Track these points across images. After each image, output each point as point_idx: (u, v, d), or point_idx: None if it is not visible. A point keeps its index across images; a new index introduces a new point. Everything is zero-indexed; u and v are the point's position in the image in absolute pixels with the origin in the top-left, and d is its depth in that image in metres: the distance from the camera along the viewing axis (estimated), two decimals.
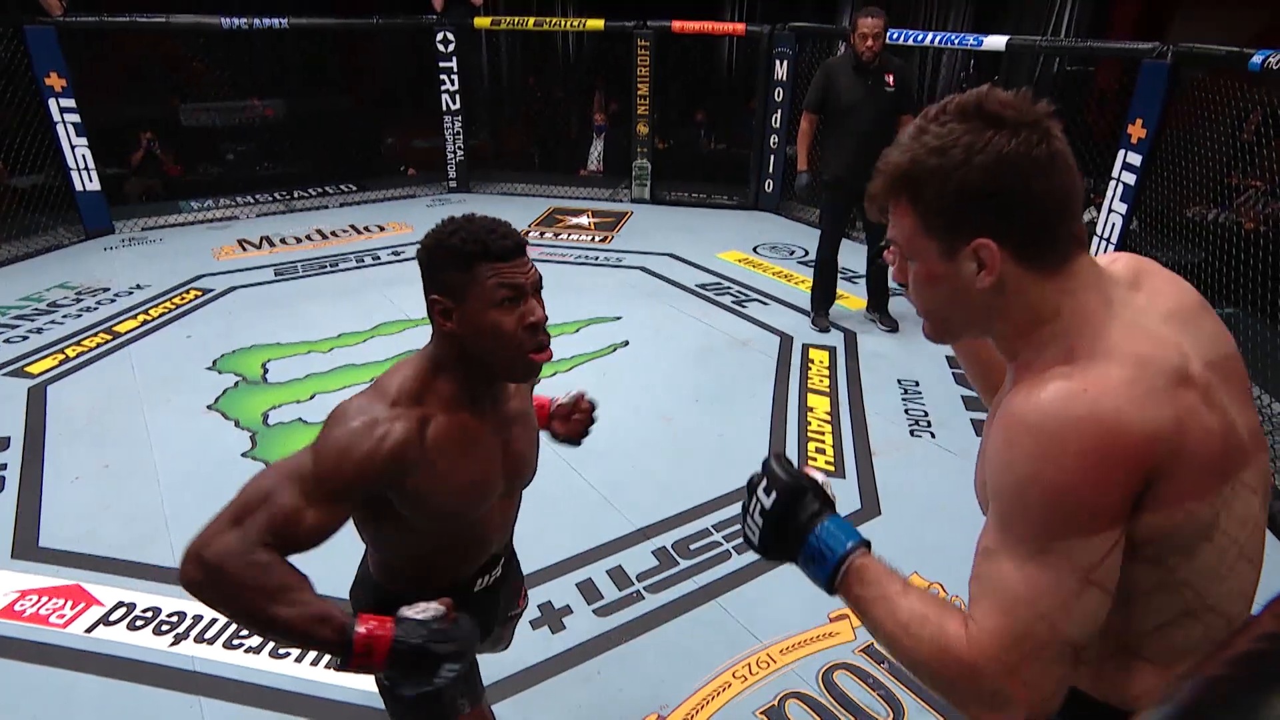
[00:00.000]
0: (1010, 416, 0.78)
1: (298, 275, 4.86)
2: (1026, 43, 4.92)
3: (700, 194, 6.70)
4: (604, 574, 2.40)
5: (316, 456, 1.06)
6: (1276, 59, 3.05)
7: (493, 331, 1.09)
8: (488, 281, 1.08)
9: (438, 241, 1.11)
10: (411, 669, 0.99)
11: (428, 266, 1.12)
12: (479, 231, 1.09)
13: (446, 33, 6.28)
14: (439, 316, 1.11)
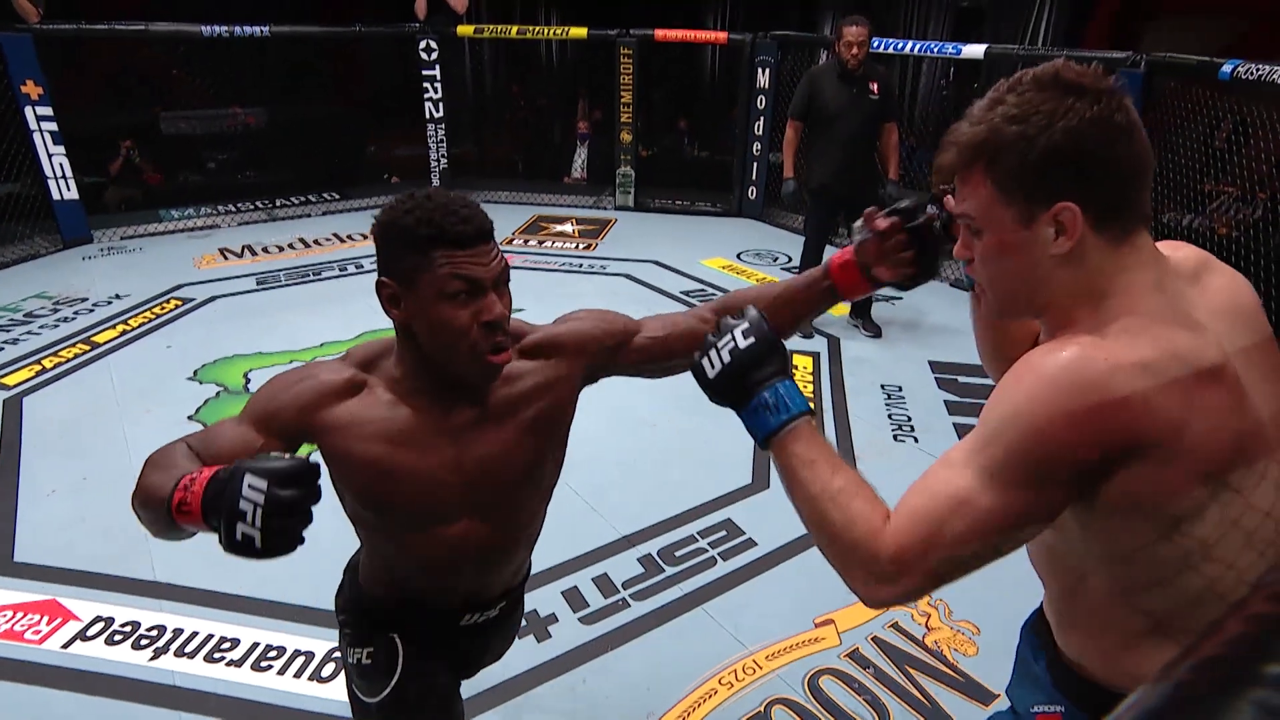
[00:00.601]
0: (1028, 361, 0.81)
1: (280, 284, 4.82)
2: (1004, 51, 4.99)
3: (684, 201, 6.73)
4: (589, 582, 2.39)
5: (260, 391, 1.12)
6: (1245, 68, 3.11)
7: (442, 326, 1.00)
8: (440, 270, 0.98)
9: (391, 219, 1.01)
10: (219, 493, 0.85)
11: (379, 244, 1.03)
12: (436, 212, 0.98)
13: (429, 41, 6.27)
14: (386, 302, 1.03)
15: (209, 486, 0.86)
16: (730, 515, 2.70)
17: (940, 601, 2.34)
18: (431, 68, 6.36)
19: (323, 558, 2.41)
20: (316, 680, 2.03)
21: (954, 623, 2.26)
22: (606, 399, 3.48)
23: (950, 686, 2.05)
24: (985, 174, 0.83)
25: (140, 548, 2.47)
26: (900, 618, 2.28)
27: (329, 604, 2.23)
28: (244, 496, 0.83)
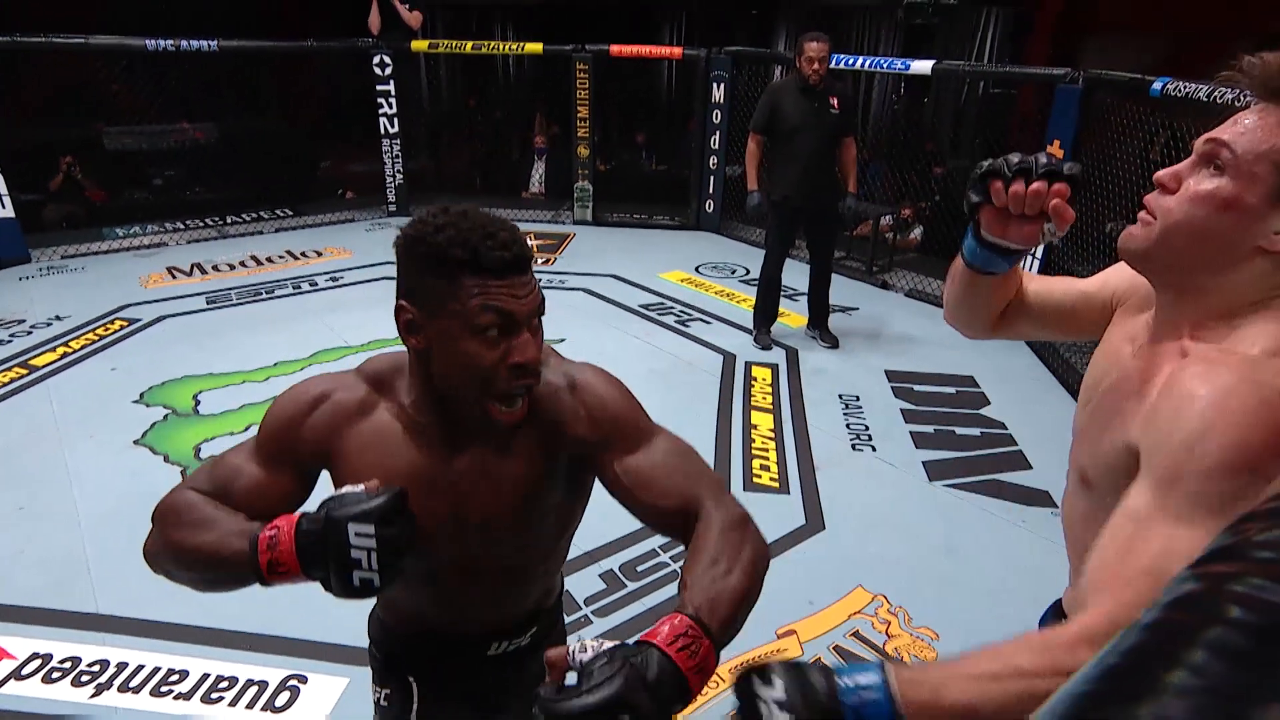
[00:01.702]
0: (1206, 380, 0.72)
1: (231, 303, 4.72)
2: (951, 67, 5.13)
3: (642, 215, 6.77)
4: None
5: (267, 414, 1.03)
6: (1174, 86, 3.25)
7: (466, 364, 0.88)
8: (471, 301, 0.86)
9: (418, 235, 0.88)
10: (319, 547, 0.81)
11: (402, 263, 0.91)
12: (471, 233, 0.86)
13: (383, 56, 6.23)
14: (403, 328, 0.91)
15: (300, 541, 0.83)
16: None
17: (900, 609, 2.37)
18: (386, 83, 6.31)
19: None
20: (270, 710, 1.97)
21: (913, 629, 2.29)
22: None
23: None
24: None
25: (81, 579, 2.38)
26: (861, 626, 2.30)
27: (283, 630, 2.19)
28: (354, 545, 0.81)
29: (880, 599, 2.40)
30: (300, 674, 2.06)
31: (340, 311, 4.56)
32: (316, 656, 2.12)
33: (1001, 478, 3.07)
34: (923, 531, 2.75)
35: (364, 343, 4.08)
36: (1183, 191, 0.77)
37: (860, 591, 2.43)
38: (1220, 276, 0.77)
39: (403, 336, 0.93)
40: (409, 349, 0.95)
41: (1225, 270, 0.77)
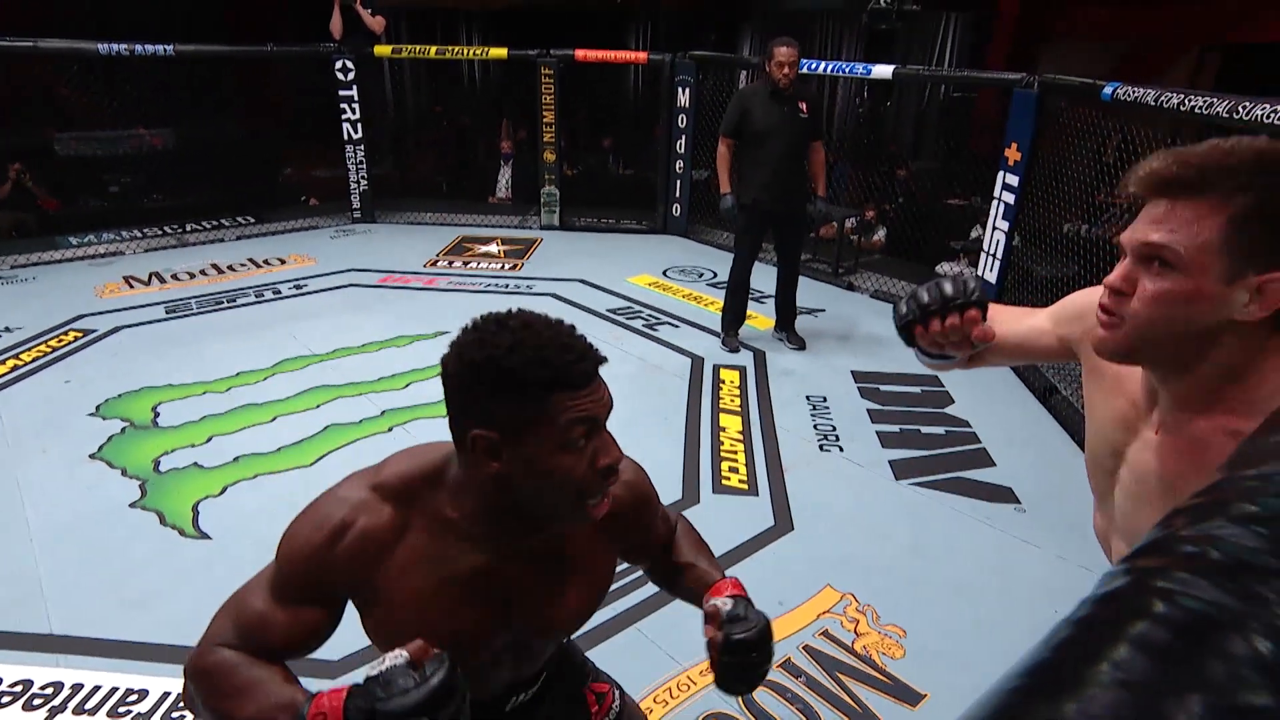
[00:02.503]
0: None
1: (191, 312, 4.62)
2: (910, 72, 5.21)
3: (609, 219, 6.76)
4: None
5: (280, 545, 0.93)
6: (1124, 90, 3.34)
7: (560, 479, 0.85)
8: (563, 419, 0.83)
9: (488, 359, 0.82)
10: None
11: (468, 389, 0.85)
12: (548, 350, 0.82)
13: (346, 61, 6.16)
14: (482, 453, 0.85)
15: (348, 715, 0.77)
16: None
17: (868, 607, 2.39)
18: (349, 88, 6.24)
19: None
20: None
21: (882, 627, 2.32)
22: None
23: (879, 690, 2.10)
24: (1223, 212, 0.74)
25: (34, 598, 2.31)
26: (830, 625, 2.32)
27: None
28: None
29: (849, 598, 2.42)
30: None
31: (304, 320, 4.49)
32: None
33: (966, 475, 3.11)
34: (890, 530, 2.78)
35: (328, 351, 4.02)
36: (1142, 292, 0.79)
37: (829, 591, 2.45)
38: (1204, 354, 0.80)
39: (479, 460, 0.86)
40: (480, 473, 0.88)
41: (1207, 348, 0.79)
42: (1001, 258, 4.43)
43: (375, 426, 3.35)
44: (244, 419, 3.36)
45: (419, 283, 5.25)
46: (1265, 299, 0.75)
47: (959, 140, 7.09)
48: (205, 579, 2.41)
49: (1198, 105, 2.85)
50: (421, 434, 3.29)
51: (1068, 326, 1.09)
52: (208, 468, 2.99)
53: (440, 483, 0.93)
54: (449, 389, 0.87)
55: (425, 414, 3.45)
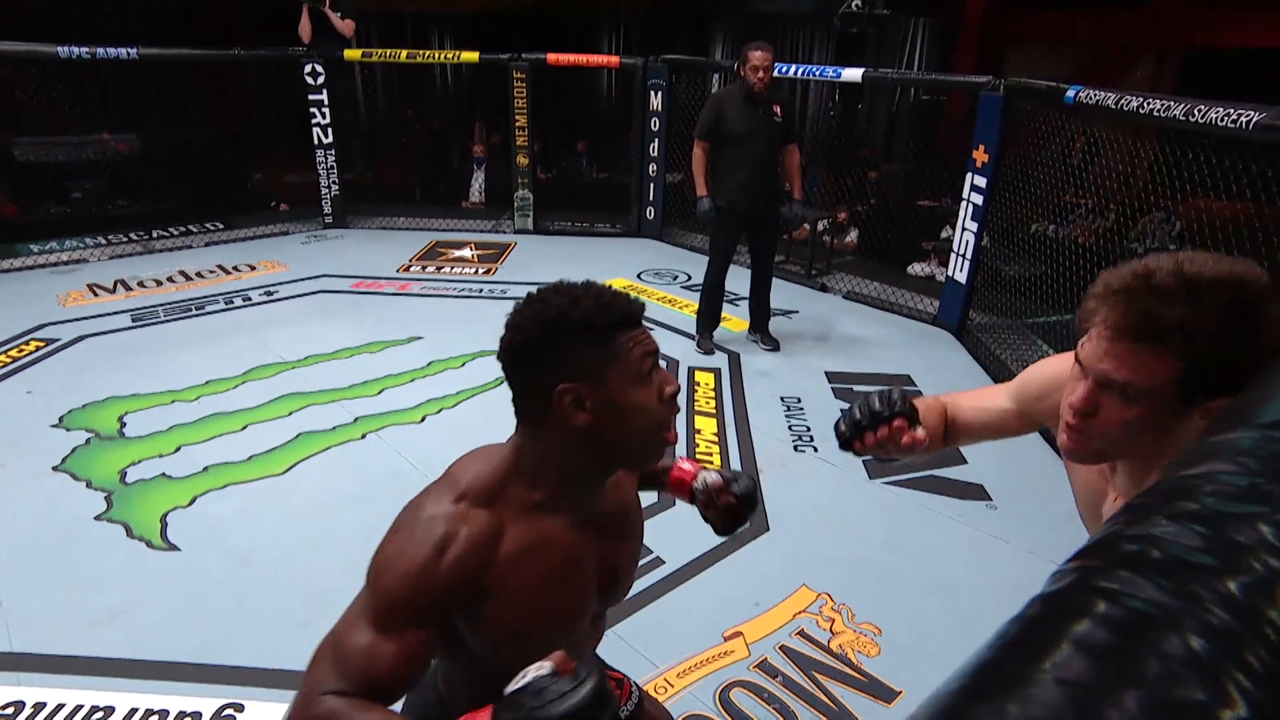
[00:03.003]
0: None
1: (159, 320, 4.54)
2: (879, 75, 5.27)
3: (583, 223, 6.76)
4: None
5: (373, 574, 0.90)
6: (1085, 93, 3.40)
7: (640, 410, 0.92)
8: (633, 353, 0.91)
9: (559, 316, 0.89)
10: None
11: (548, 348, 0.90)
12: (603, 297, 0.92)
13: (315, 65, 6.09)
14: (569, 409, 0.90)
15: None
16: None
17: (844, 606, 2.41)
18: (318, 92, 6.17)
19: (208, 606, 2.27)
20: None
21: (857, 626, 2.33)
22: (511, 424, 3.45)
23: (855, 688, 2.11)
24: (1183, 354, 0.78)
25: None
26: (806, 624, 2.33)
27: (215, 658, 2.11)
28: None
29: (824, 597, 2.44)
30: (236, 702, 1.99)
31: (275, 327, 4.43)
32: (252, 683, 2.05)
33: (938, 474, 3.15)
34: (864, 529, 2.80)
35: (300, 358, 3.97)
36: (1106, 415, 0.84)
37: (805, 590, 2.47)
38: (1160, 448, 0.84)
39: (566, 416, 0.91)
40: (558, 431, 0.92)
41: (1163, 445, 0.84)
42: (971, 257, 4.49)
43: (349, 433, 3.31)
44: (214, 428, 3.31)
45: (392, 288, 5.20)
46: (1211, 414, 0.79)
47: (929, 143, 7.18)
48: (174, 591, 2.36)
49: (1156, 108, 2.92)
50: (396, 441, 3.26)
51: (1032, 405, 1.17)
52: (176, 478, 2.94)
53: (517, 472, 0.95)
54: (525, 361, 0.92)
55: (399, 420, 3.42)
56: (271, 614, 2.28)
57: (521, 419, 0.97)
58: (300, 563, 2.52)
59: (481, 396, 3.68)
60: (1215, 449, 0.35)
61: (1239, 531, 0.29)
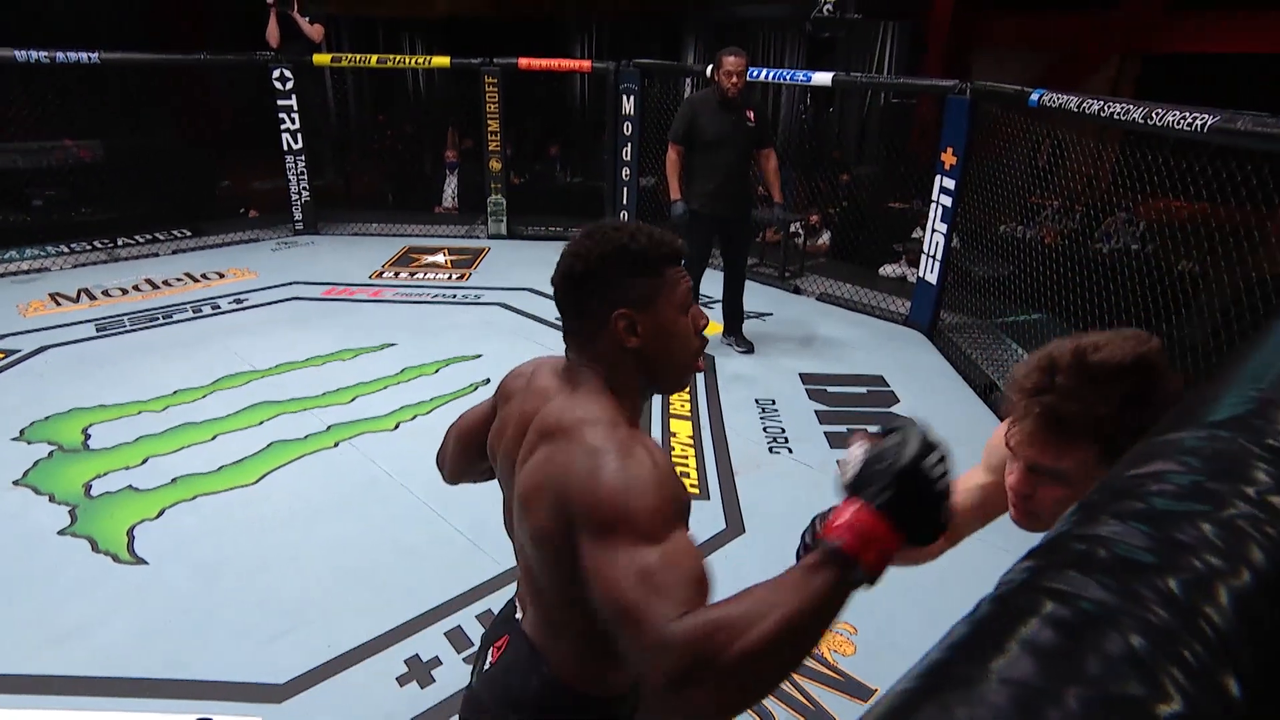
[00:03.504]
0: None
1: (124, 330, 4.45)
2: (849, 79, 5.33)
3: (557, 228, 6.75)
4: (473, 619, 2.33)
5: (617, 507, 0.85)
6: (1049, 97, 3.47)
7: (680, 338, 1.04)
8: (679, 285, 1.04)
9: (617, 249, 1.01)
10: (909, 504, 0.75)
11: (607, 276, 1.02)
12: (655, 233, 1.04)
13: (283, 70, 6.02)
14: (623, 333, 1.01)
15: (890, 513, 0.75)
16: None
17: None
18: (287, 97, 6.10)
19: (176, 620, 2.22)
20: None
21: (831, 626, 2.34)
22: None
23: (831, 687, 2.13)
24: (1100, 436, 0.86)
25: None
26: None
27: (182, 672, 2.07)
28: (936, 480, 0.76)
29: None
30: (205, 718, 1.95)
31: (245, 335, 4.36)
32: (223, 697, 2.01)
33: None
34: None
35: (271, 366, 3.92)
36: (1041, 494, 0.92)
37: None
38: None
39: (619, 340, 1.02)
40: (616, 355, 1.02)
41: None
42: (941, 259, 4.55)
43: (321, 442, 3.27)
44: (182, 438, 3.25)
45: (364, 295, 5.15)
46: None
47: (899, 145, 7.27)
48: (141, 606, 2.32)
49: (1116, 111, 2.98)
50: (370, 449, 3.22)
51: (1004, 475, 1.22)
52: (143, 490, 2.88)
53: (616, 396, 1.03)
54: (585, 287, 1.03)
55: (373, 428, 3.39)
56: (242, 627, 2.25)
57: (574, 340, 1.06)
58: (273, 574, 2.48)
59: (456, 402, 3.65)
60: (1161, 448, 0.35)
61: (1181, 530, 0.30)
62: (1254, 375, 0.40)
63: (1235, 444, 0.34)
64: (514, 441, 1.07)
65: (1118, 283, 3.34)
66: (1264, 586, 0.27)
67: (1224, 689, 0.23)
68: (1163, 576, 0.27)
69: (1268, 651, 0.25)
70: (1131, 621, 0.25)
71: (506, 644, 1.14)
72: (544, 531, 0.94)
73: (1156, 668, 0.24)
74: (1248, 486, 0.31)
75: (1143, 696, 0.23)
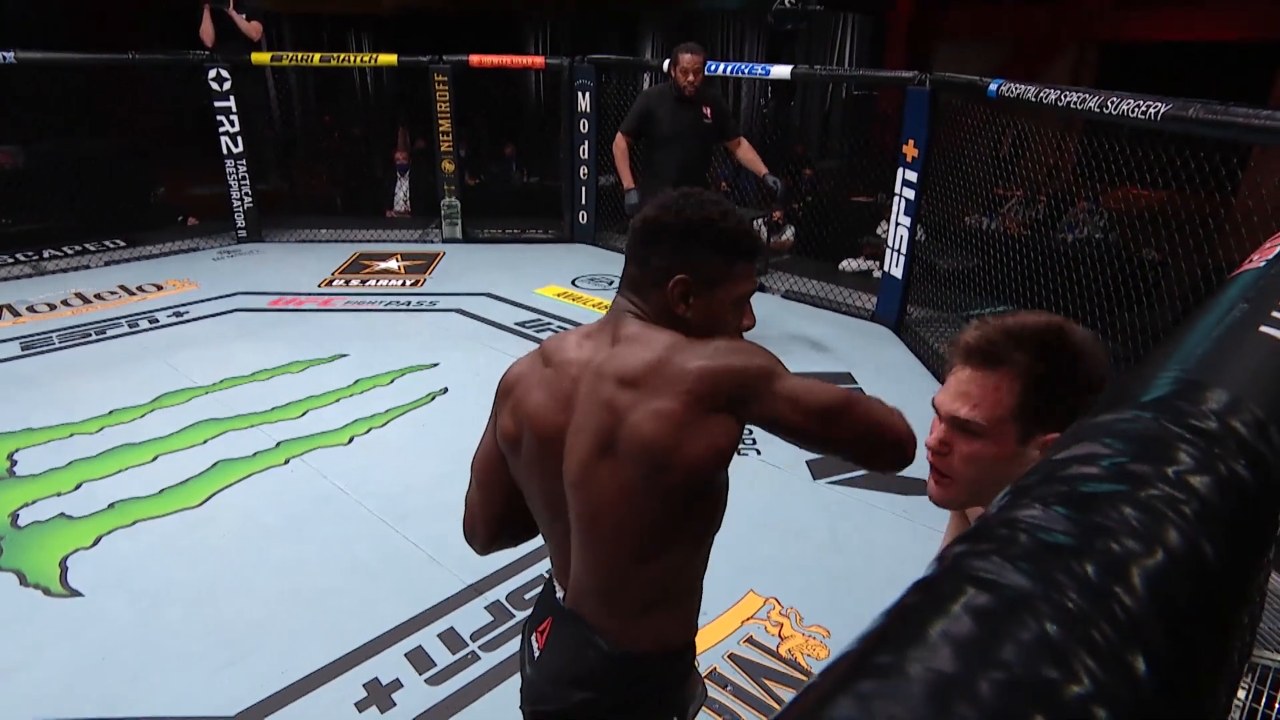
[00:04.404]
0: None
1: (53, 347, 4.32)
2: (808, 72, 5.39)
3: (514, 229, 6.73)
4: (435, 638, 2.30)
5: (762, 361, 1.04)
6: (1006, 87, 3.55)
7: (722, 330, 1.09)
8: (743, 282, 1.09)
9: (705, 221, 1.06)
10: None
11: (685, 241, 1.06)
12: (744, 223, 1.09)
13: (220, 69, 5.91)
14: (677, 296, 1.07)
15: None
16: None
17: (792, 610, 2.44)
18: (225, 98, 5.99)
19: (116, 655, 2.16)
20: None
21: (805, 629, 2.37)
22: (445, 444, 3.40)
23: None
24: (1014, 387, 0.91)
25: None
26: (755, 631, 2.36)
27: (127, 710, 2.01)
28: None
29: (772, 602, 2.47)
30: None
31: (186, 349, 4.27)
32: None
33: None
34: (810, 530, 2.85)
35: (214, 382, 3.84)
36: (957, 454, 0.97)
37: (752, 596, 2.49)
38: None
39: (672, 302, 1.07)
40: (669, 316, 1.08)
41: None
42: (906, 252, 4.63)
43: (270, 459, 3.21)
44: (119, 461, 3.17)
45: (314, 304, 5.08)
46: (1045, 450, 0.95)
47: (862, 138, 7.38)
48: (76, 641, 2.25)
49: (1073, 100, 3.06)
50: (322, 464, 3.17)
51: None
52: (77, 517, 2.80)
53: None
54: (662, 241, 1.07)
55: (325, 443, 3.33)
56: (188, 657, 2.20)
57: (631, 284, 1.11)
58: (220, 600, 2.43)
59: (413, 413, 3.61)
60: (1088, 431, 0.36)
61: (1102, 513, 0.31)
62: (1181, 357, 0.41)
63: (1158, 425, 0.35)
64: (561, 411, 1.10)
65: (1081, 272, 3.43)
66: (1177, 566, 0.28)
67: (1131, 668, 0.24)
68: (1080, 560, 0.28)
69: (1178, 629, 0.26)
70: (1048, 607, 0.26)
71: (551, 626, 1.20)
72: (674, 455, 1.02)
73: (1069, 651, 0.24)
74: (1169, 467, 0.33)
75: (1053, 679, 0.23)
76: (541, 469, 1.14)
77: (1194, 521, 0.30)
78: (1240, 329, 0.45)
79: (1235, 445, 0.35)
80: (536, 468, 1.14)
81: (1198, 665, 0.26)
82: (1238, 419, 0.37)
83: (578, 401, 1.08)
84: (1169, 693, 0.24)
